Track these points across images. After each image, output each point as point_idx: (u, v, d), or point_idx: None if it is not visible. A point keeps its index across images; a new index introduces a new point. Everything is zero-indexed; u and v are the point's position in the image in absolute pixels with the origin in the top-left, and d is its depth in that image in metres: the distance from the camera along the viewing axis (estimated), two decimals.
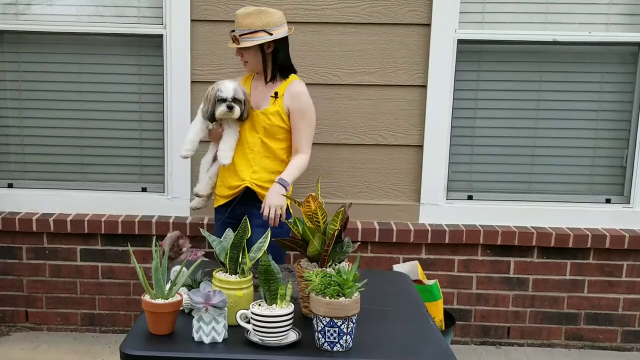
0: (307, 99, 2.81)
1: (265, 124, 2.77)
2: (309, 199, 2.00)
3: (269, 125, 2.77)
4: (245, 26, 2.70)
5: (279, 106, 2.78)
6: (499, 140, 3.49)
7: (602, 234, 3.37)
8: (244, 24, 2.70)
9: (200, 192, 2.94)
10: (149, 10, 3.37)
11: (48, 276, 3.49)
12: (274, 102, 2.78)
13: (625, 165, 3.48)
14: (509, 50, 3.41)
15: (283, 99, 2.78)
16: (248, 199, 2.81)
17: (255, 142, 2.79)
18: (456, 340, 3.51)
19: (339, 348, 1.80)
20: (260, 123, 2.77)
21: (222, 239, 2.04)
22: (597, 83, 3.42)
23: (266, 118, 2.77)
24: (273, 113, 2.77)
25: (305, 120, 2.80)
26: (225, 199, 2.87)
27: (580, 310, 3.49)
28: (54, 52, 3.43)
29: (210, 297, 1.81)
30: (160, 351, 1.79)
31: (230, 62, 3.31)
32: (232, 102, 2.68)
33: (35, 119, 3.50)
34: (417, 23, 3.30)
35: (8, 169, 3.54)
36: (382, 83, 3.35)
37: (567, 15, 3.36)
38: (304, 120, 2.80)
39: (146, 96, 3.46)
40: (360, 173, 3.44)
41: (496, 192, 3.51)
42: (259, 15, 2.70)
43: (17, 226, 3.39)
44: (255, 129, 2.79)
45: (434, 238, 3.38)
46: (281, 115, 2.78)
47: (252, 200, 2.81)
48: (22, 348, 3.37)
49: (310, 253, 2.00)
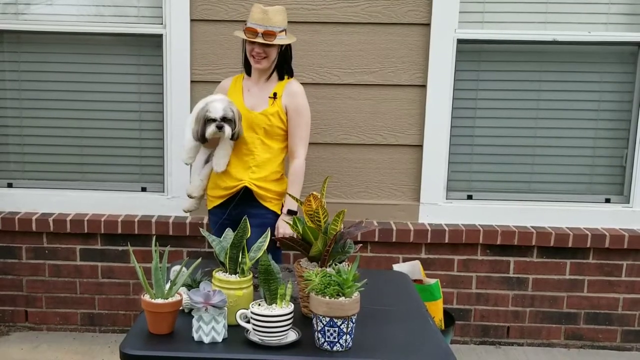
0: (304, 99, 2.83)
1: (265, 125, 2.77)
2: (310, 198, 2.00)
3: (269, 126, 2.77)
4: (278, 23, 2.71)
5: (278, 107, 2.78)
6: (499, 140, 3.49)
7: (602, 233, 3.37)
8: (277, 21, 2.71)
9: (192, 193, 2.92)
10: (148, 10, 3.37)
11: (48, 276, 3.49)
12: (273, 103, 2.78)
13: (625, 165, 3.48)
14: (508, 50, 3.41)
15: (282, 99, 2.79)
16: (245, 198, 2.81)
17: (254, 143, 2.79)
18: (456, 339, 3.51)
19: (338, 348, 1.80)
20: (260, 124, 2.77)
21: (222, 239, 2.04)
22: (597, 83, 3.42)
23: (266, 119, 2.77)
24: (273, 114, 2.77)
25: (303, 119, 2.81)
26: (221, 199, 2.86)
27: (579, 310, 3.49)
28: (54, 52, 3.42)
29: (210, 296, 1.81)
30: (160, 351, 1.79)
31: (230, 61, 3.31)
32: (221, 121, 2.64)
33: (35, 118, 3.50)
34: (416, 23, 3.30)
35: (8, 169, 3.54)
36: (381, 83, 3.35)
37: (567, 15, 3.36)
38: (301, 118, 2.80)
39: (146, 96, 3.46)
40: (360, 173, 3.44)
41: (496, 191, 3.51)
42: (284, 14, 2.75)
43: (17, 226, 3.39)
44: (254, 130, 2.79)
45: (433, 238, 3.38)
46: (280, 116, 2.78)
47: (249, 200, 2.81)
48: (21, 348, 3.37)
49: (313, 253, 2.01)
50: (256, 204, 2.79)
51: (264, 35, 2.69)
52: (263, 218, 2.79)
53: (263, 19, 2.70)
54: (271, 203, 2.82)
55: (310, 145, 3.36)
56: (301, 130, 2.81)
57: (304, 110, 2.82)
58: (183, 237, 3.41)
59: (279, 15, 2.73)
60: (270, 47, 2.73)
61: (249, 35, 2.71)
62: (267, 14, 2.70)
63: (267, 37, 2.69)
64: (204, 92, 3.25)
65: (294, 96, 2.80)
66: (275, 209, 2.83)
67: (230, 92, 2.87)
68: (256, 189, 2.79)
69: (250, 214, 2.75)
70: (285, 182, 2.88)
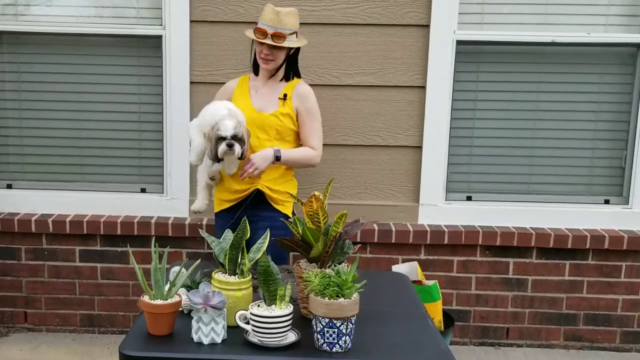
0: (315, 99, 2.83)
1: (277, 126, 2.75)
2: (312, 198, 2.00)
3: (280, 127, 2.76)
4: (289, 25, 2.69)
5: (289, 108, 2.77)
6: (498, 141, 3.49)
7: (601, 234, 3.37)
8: (288, 23, 2.69)
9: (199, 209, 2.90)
10: (148, 11, 3.37)
11: (47, 277, 3.49)
12: (284, 104, 2.77)
13: (624, 166, 3.48)
14: (507, 51, 3.41)
15: (292, 100, 2.78)
16: (255, 201, 2.79)
17: (265, 145, 2.75)
18: (455, 341, 3.51)
19: (338, 349, 1.80)
20: (272, 125, 2.75)
21: (222, 240, 2.04)
22: (596, 84, 3.43)
23: (278, 120, 2.75)
24: (284, 115, 2.76)
25: (316, 119, 2.81)
26: (230, 203, 2.83)
27: (579, 311, 3.49)
28: (53, 53, 3.43)
29: (209, 297, 1.81)
30: (159, 352, 1.79)
31: (230, 62, 3.31)
32: (232, 139, 2.60)
33: (35, 119, 3.50)
34: (416, 24, 3.30)
35: (7, 170, 3.54)
36: (381, 84, 3.35)
37: (566, 16, 3.36)
38: (314, 119, 2.81)
39: (145, 97, 3.46)
40: (360, 174, 3.44)
41: (495, 192, 3.51)
42: (296, 17, 2.73)
43: (16, 227, 3.39)
44: (265, 131, 2.76)
45: (433, 239, 3.38)
46: (291, 117, 2.77)
47: (259, 203, 2.78)
48: (20, 349, 3.37)
49: (313, 255, 2.01)
50: (266, 207, 2.77)
51: (273, 37, 2.66)
52: (274, 221, 2.73)
53: (274, 19, 2.67)
54: (282, 206, 2.80)
55: None
56: (317, 130, 2.81)
57: (315, 110, 2.82)
58: (182, 238, 3.41)
59: (291, 17, 2.70)
60: (278, 49, 2.71)
61: (258, 36, 2.69)
62: (279, 16, 2.67)
63: (276, 39, 2.66)
64: (204, 93, 3.26)
65: (305, 98, 2.79)
66: (286, 212, 2.80)
67: (236, 94, 2.86)
68: (268, 191, 2.77)
69: (260, 216, 2.74)
70: (296, 184, 2.88)
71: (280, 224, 2.74)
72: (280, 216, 2.77)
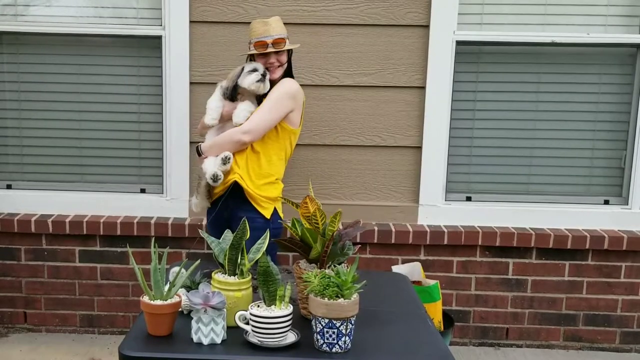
0: (285, 90, 2.77)
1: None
2: (306, 200, 2.00)
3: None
4: (280, 31, 2.78)
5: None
6: (498, 142, 3.49)
7: (601, 235, 3.37)
8: (280, 29, 2.79)
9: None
10: (147, 12, 3.37)
11: (47, 277, 3.49)
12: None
13: (624, 167, 3.48)
14: (507, 52, 3.41)
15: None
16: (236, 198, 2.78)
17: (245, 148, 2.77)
18: (455, 341, 3.51)
19: (337, 349, 1.80)
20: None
21: (221, 240, 2.04)
22: (596, 84, 3.43)
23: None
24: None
25: (267, 105, 2.75)
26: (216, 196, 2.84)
27: (578, 311, 3.49)
28: (53, 54, 3.43)
29: (209, 298, 1.81)
30: (158, 352, 1.79)
31: (229, 63, 3.31)
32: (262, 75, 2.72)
33: (34, 120, 3.50)
34: (415, 24, 3.30)
35: (7, 170, 3.54)
36: (380, 84, 3.36)
37: (566, 16, 3.36)
38: (266, 104, 2.75)
39: (145, 97, 3.46)
40: (359, 174, 3.44)
41: (495, 193, 3.51)
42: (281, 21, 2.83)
43: (16, 227, 3.39)
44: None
45: (432, 239, 3.38)
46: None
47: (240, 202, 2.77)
48: (20, 349, 3.37)
49: (313, 256, 2.01)
50: (246, 207, 2.76)
51: (274, 45, 2.75)
52: (252, 222, 2.66)
53: (267, 30, 2.76)
54: (262, 207, 2.78)
55: (309, 146, 3.38)
56: (258, 111, 2.75)
57: (275, 97, 2.75)
58: (182, 239, 3.41)
59: (279, 23, 2.81)
60: (281, 53, 2.80)
61: (260, 49, 2.75)
62: (270, 25, 2.77)
63: (277, 46, 2.75)
64: (204, 94, 3.26)
65: (277, 86, 2.80)
66: (265, 213, 2.78)
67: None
68: (246, 186, 2.75)
69: (239, 217, 2.72)
70: (280, 187, 2.87)
71: (260, 225, 2.73)
72: (259, 217, 2.76)
